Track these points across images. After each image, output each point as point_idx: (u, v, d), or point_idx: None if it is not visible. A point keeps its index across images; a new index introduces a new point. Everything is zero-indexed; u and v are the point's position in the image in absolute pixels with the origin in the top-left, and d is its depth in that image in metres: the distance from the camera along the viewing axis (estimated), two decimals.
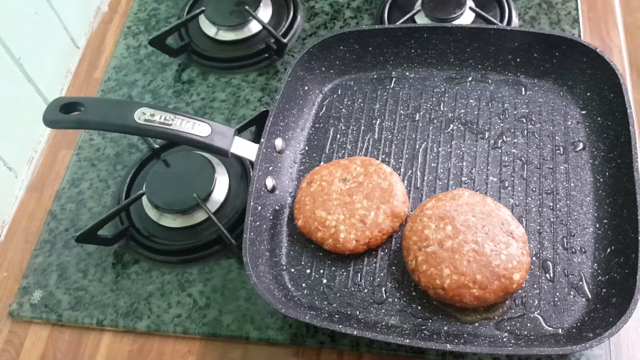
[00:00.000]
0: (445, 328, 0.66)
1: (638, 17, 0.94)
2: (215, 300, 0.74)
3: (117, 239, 0.79)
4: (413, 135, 0.80)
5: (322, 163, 0.80)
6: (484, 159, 0.77)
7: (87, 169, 0.87)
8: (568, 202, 0.73)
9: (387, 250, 0.73)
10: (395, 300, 0.69)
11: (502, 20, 0.89)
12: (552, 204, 0.73)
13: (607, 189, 0.72)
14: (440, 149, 0.79)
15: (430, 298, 0.68)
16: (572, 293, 0.67)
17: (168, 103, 0.92)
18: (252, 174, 0.74)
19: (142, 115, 0.72)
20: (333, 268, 0.72)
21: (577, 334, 0.64)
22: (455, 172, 0.77)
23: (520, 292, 0.68)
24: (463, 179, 0.76)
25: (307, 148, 0.82)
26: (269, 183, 0.76)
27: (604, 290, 0.66)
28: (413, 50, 0.85)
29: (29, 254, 0.81)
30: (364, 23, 0.95)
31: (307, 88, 0.84)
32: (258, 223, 0.72)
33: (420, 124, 0.81)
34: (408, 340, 0.62)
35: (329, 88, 0.86)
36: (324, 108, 0.85)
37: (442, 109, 0.82)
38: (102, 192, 0.84)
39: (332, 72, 0.86)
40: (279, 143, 0.79)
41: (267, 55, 0.93)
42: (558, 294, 0.67)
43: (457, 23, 0.87)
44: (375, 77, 0.86)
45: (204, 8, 0.95)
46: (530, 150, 0.77)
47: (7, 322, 0.77)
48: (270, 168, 0.77)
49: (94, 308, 0.75)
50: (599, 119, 0.77)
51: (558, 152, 0.77)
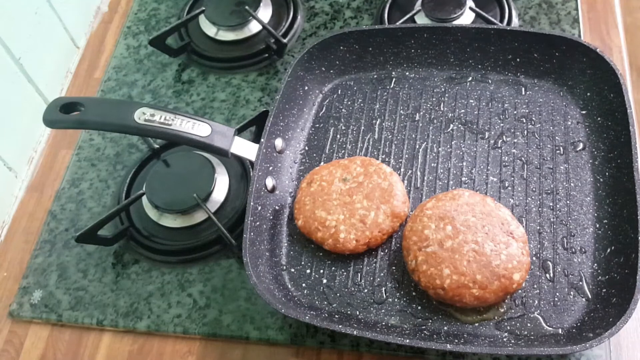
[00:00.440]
0: (445, 328, 0.66)
1: (638, 17, 0.94)
2: (215, 300, 0.74)
3: (117, 239, 0.79)
4: (413, 135, 0.80)
5: (322, 163, 0.80)
6: (484, 159, 0.77)
7: (87, 169, 0.87)
8: (568, 202, 0.73)
9: (387, 250, 0.73)
10: (395, 300, 0.69)
11: (502, 20, 0.89)
12: (552, 204, 0.73)
13: (607, 189, 0.72)
14: (440, 149, 0.79)
15: (430, 298, 0.68)
16: (572, 293, 0.67)
17: (168, 103, 0.92)
18: (252, 174, 0.74)
19: (142, 115, 0.72)
20: (333, 268, 0.72)
21: (577, 334, 0.64)
22: (455, 172, 0.77)
23: (520, 292, 0.68)
24: (463, 179, 0.76)
25: (307, 148, 0.82)
26: (269, 183, 0.76)
27: (604, 290, 0.66)
28: (413, 50, 0.85)
29: (29, 254, 0.81)
30: (364, 23, 0.95)
31: (307, 88, 0.84)
32: (258, 223, 0.72)
33: (420, 124, 0.81)
34: (408, 340, 0.62)
35: (329, 88, 0.86)
36: (324, 108, 0.85)
37: (442, 109, 0.82)
38: (102, 192, 0.84)
39: (332, 72, 0.86)
40: (279, 143, 0.79)
41: (267, 55, 0.93)
42: (558, 294, 0.67)
43: (457, 23, 0.87)
44: (375, 77, 0.86)
45: (204, 8, 0.95)
46: (530, 150, 0.77)
47: (7, 322, 0.77)
48: (270, 168, 0.77)
49: (94, 308, 0.75)
50: (599, 119, 0.77)
51: (558, 152, 0.77)
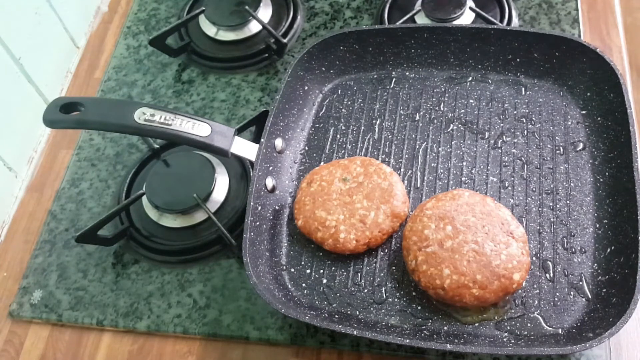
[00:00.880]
0: (445, 328, 0.66)
1: (638, 17, 0.94)
2: (215, 300, 0.74)
3: (117, 239, 0.79)
4: (413, 135, 0.80)
5: (322, 163, 0.80)
6: (484, 159, 0.77)
7: (87, 169, 0.87)
8: (568, 202, 0.73)
9: (387, 250, 0.73)
10: (395, 300, 0.69)
11: (502, 20, 0.89)
12: (552, 204, 0.73)
13: (607, 189, 0.72)
14: (440, 149, 0.79)
15: (430, 298, 0.68)
16: (572, 293, 0.67)
17: (168, 103, 0.92)
18: (252, 174, 0.74)
19: (142, 115, 0.72)
20: (333, 268, 0.72)
21: (577, 334, 0.64)
22: (455, 172, 0.77)
23: (520, 292, 0.68)
24: (463, 179, 0.76)
25: (307, 148, 0.82)
26: (269, 183, 0.76)
27: (604, 290, 0.66)
28: (413, 50, 0.85)
29: (29, 254, 0.81)
30: (364, 23, 0.95)
31: (307, 88, 0.84)
32: (258, 223, 0.72)
33: (420, 124, 0.81)
34: (408, 340, 0.62)
35: (329, 88, 0.86)
36: (324, 108, 0.85)
37: (442, 109, 0.82)
38: (102, 192, 0.84)
39: (332, 72, 0.86)
40: (279, 143, 0.79)
41: (267, 55, 0.93)
42: (558, 294, 0.67)
43: (457, 23, 0.87)
44: (375, 77, 0.86)
45: (204, 8, 0.95)
46: (530, 150, 0.77)
47: (7, 322, 0.77)
48: (270, 168, 0.77)
49: (94, 308, 0.75)
50: (599, 119, 0.77)
51: (558, 152, 0.77)
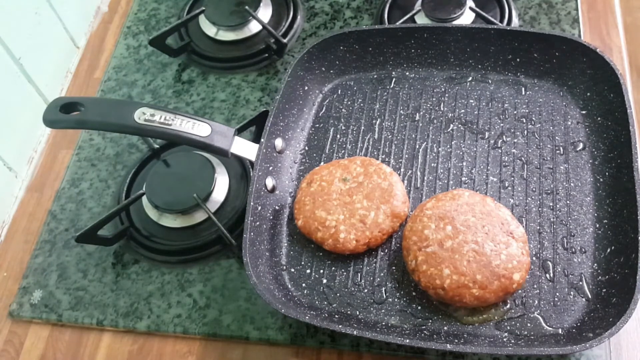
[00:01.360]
0: (445, 328, 0.66)
1: (638, 17, 0.94)
2: (215, 300, 0.74)
3: (117, 239, 0.79)
4: (413, 135, 0.80)
5: (322, 163, 0.80)
6: (484, 159, 0.77)
7: (87, 169, 0.87)
8: (568, 202, 0.73)
9: (387, 250, 0.72)
10: (395, 300, 0.69)
11: (502, 20, 0.89)
12: (552, 204, 0.73)
13: (607, 189, 0.72)
14: (440, 149, 0.79)
15: (430, 298, 0.68)
16: (572, 293, 0.67)
17: (168, 103, 0.92)
18: (252, 174, 0.74)
19: (142, 115, 0.72)
20: (333, 268, 0.72)
21: (577, 334, 0.64)
22: (455, 172, 0.77)
23: (520, 292, 0.68)
24: (463, 179, 0.76)
25: (307, 148, 0.82)
26: (269, 183, 0.76)
27: (604, 290, 0.66)
28: (413, 50, 0.85)
29: (29, 254, 0.81)
30: (364, 23, 0.95)
31: (307, 88, 0.84)
32: (258, 223, 0.72)
33: (420, 124, 0.81)
34: (408, 340, 0.62)
35: (329, 88, 0.86)
36: (324, 108, 0.85)
37: (442, 109, 0.82)
38: (102, 192, 0.84)
39: (332, 72, 0.86)
40: (279, 143, 0.79)
41: (267, 55, 0.93)
42: (558, 294, 0.67)
43: (457, 23, 0.87)
44: (375, 77, 0.86)
45: (204, 8, 0.95)
46: (530, 150, 0.77)
47: (7, 322, 0.77)
48: (270, 168, 0.77)
49: (94, 308, 0.75)
50: (599, 119, 0.77)
51: (558, 152, 0.77)
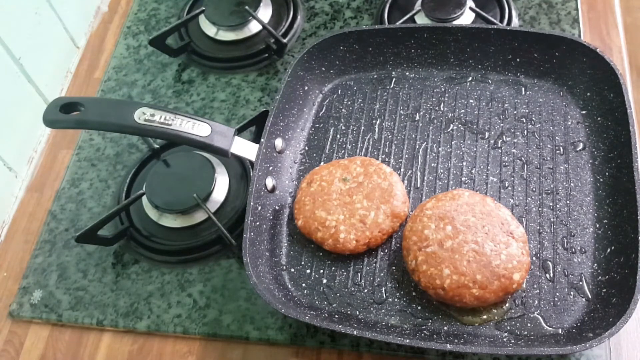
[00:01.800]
0: (445, 328, 0.66)
1: (638, 17, 0.94)
2: (215, 300, 0.74)
3: (117, 239, 0.79)
4: (413, 135, 0.80)
5: (322, 163, 0.80)
6: (484, 159, 0.77)
7: (87, 169, 0.87)
8: (568, 202, 0.73)
9: (387, 250, 0.72)
10: (395, 300, 0.69)
11: (502, 20, 0.89)
12: (552, 204, 0.73)
13: (607, 189, 0.72)
14: (440, 149, 0.79)
15: (430, 298, 0.68)
16: (572, 293, 0.67)
17: (168, 103, 0.92)
18: (252, 174, 0.74)
19: (142, 115, 0.72)
20: (333, 268, 0.72)
21: (577, 334, 0.64)
22: (455, 172, 0.77)
23: (520, 292, 0.68)
24: (463, 179, 0.76)
25: (307, 148, 0.82)
26: (269, 183, 0.76)
27: (604, 290, 0.66)
28: (413, 50, 0.85)
29: (29, 254, 0.81)
30: (364, 23, 0.95)
31: (307, 88, 0.84)
32: (258, 223, 0.72)
33: (420, 124, 0.81)
34: (408, 340, 0.62)
35: (329, 88, 0.86)
36: (324, 108, 0.85)
37: (442, 109, 0.82)
38: (102, 192, 0.84)
39: (332, 72, 0.86)
40: (279, 143, 0.79)
41: (267, 55, 0.93)
42: (558, 294, 0.67)
43: (457, 23, 0.87)
44: (375, 77, 0.86)
45: (204, 8, 0.95)
46: (530, 150, 0.77)
47: (7, 322, 0.77)
48: (270, 168, 0.77)
49: (94, 308, 0.75)
50: (599, 119, 0.77)
51: (558, 152, 0.77)
